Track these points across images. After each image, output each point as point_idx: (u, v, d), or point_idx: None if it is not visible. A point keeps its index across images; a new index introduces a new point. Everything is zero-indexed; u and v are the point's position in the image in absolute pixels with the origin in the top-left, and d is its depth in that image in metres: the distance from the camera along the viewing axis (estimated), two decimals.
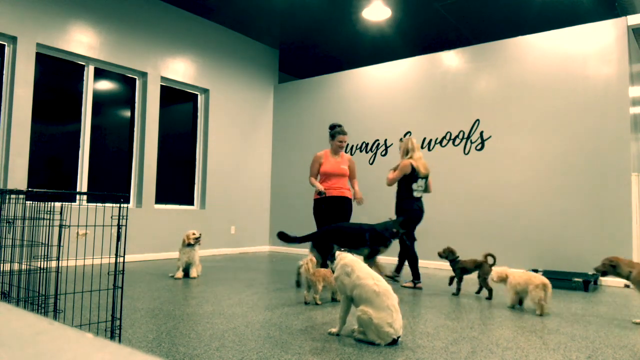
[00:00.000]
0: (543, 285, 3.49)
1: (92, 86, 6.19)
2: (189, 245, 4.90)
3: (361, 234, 4.40)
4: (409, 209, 4.70)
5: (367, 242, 4.38)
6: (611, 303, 4.10)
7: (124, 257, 2.23)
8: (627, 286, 3.50)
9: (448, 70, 6.73)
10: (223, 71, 7.78)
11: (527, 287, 3.58)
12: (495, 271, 3.93)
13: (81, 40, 5.92)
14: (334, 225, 4.55)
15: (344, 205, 4.91)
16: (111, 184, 6.43)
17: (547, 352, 2.51)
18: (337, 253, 3.00)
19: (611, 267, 3.39)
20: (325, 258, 4.28)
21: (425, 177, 4.81)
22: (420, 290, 4.54)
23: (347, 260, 2.85)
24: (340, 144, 5.00)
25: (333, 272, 2.96)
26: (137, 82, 6.72)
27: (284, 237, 4.64)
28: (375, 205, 6.94)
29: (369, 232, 4.40)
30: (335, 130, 5.03)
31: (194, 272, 4.90)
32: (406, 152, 4.83)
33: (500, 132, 6.17)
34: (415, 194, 4.74)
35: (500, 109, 6.21)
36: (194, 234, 4.93)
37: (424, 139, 6.81)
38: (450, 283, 4.44)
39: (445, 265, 4.80)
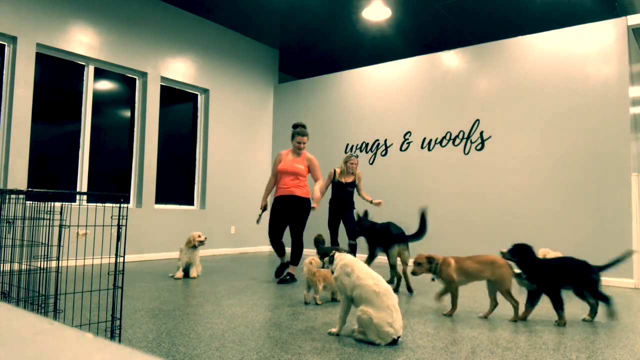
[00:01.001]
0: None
1: (92, 86, 6.19)
2: (193, 246, 4.90)
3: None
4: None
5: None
6: None
7: (124, 257, 2.23)
8: (433, 279, 3.57)
9: (448, 70, 6.72)
10: (223, 71, 7.78)
11: None
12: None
13: (81, 40, 5.93)
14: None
15: (291, 203, 4.85)
16: (111, 184, 6.43)
17: (547, 352, 2.51)
18: (336, 254, 2.99)
19: (428, 264, 3.48)
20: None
21: None
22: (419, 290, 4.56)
23: (347, 260, 2.85)
24: (298, 145, 4.90)
25: (332, 273, 2.96)
26: (137, 82, 6.72)
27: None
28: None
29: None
30: (295, 131, 4.92)
31: (194, 272, 4.90)
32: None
33: (500, 132, 6.17)
34: None
35: (500, 109, 6.21)
36: (199, 236, 4.93)
37: (424, 138, 6.81)
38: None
39: None
